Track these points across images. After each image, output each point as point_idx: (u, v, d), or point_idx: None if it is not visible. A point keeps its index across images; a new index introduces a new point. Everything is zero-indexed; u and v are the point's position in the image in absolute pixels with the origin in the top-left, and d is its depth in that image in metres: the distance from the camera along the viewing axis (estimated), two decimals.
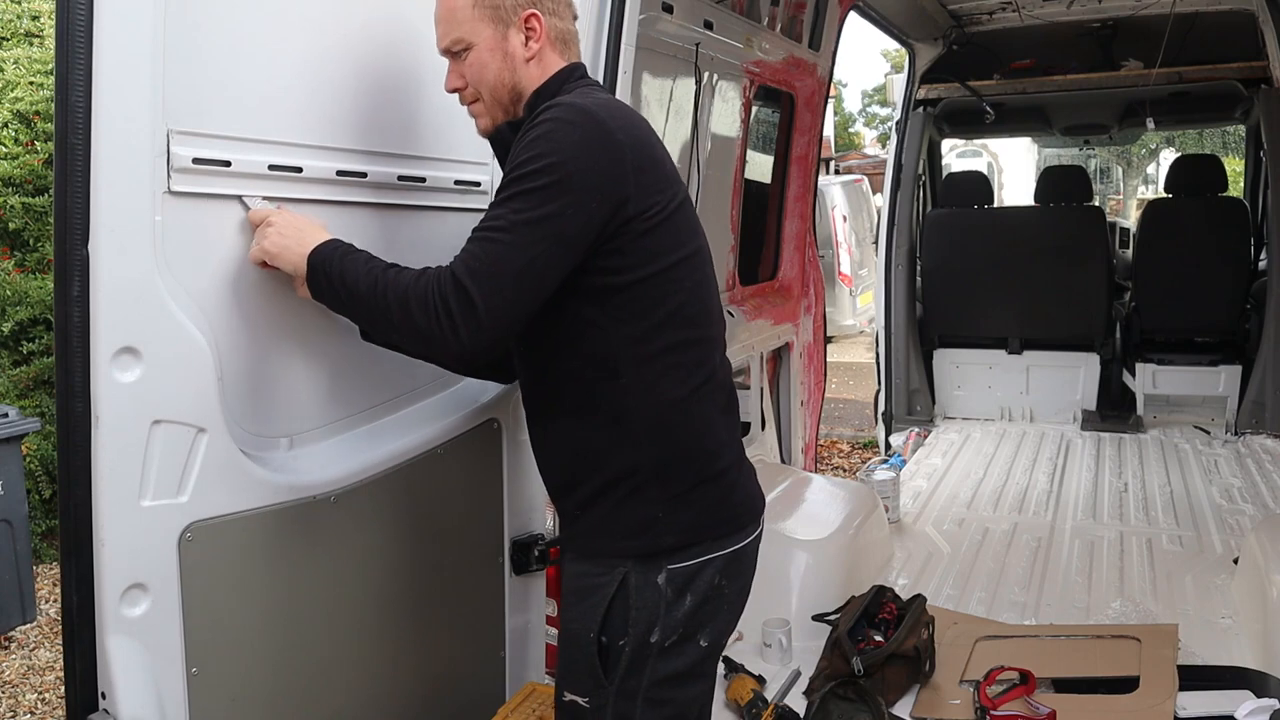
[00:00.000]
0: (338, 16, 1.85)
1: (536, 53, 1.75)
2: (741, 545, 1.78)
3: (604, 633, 1.70)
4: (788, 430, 4.55)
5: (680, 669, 1.72)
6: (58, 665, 4.46)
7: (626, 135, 1.64)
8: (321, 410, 1.90)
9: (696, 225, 1.78)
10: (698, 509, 1.71)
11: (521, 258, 1.55)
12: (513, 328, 1.61)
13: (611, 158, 1.61)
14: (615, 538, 1.72)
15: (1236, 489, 4.59)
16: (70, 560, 1.54)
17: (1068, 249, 5.65)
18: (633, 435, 1.68)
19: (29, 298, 5.97)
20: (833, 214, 11.56)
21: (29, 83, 6.50)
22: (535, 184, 1.56)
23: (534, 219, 1.56)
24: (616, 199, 1.60)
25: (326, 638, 1.89)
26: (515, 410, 2.19)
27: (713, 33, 3.33)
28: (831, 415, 8.32)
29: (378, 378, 2.01)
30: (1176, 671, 2.71)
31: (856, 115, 31.32)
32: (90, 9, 1.44)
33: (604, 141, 1.61)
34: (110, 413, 1.51)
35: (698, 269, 1.75)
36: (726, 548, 1.74)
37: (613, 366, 1.67)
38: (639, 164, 1.64)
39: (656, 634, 1.69)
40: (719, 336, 1.81)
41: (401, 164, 2.00)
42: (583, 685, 1.73)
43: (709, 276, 1.80)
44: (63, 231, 1.49)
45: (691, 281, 1.72)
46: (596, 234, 1.60)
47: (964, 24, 5.64)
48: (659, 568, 1.69)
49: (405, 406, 2.08)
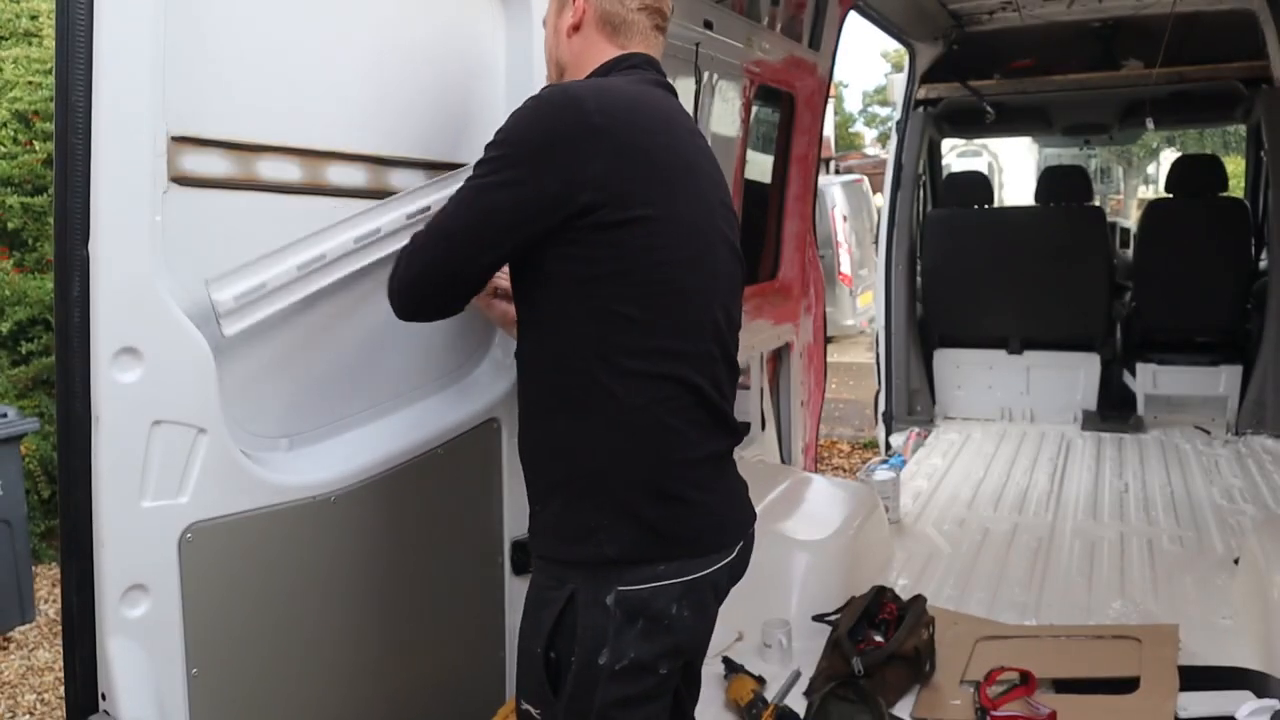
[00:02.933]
0: (341, 16, 1.85)
1: (576, 30, 1.74)
2: (704, 573, 1.65)
3: (552, 649, 1.64)
4: (788, 430, 4.56)
5: (634, 694, 1.63)
6: (57, 666, 4.46)
7: (611, 119, 1.57)
8: (321, 410, 1.90)
9: (705, 234, 1.68)
10: (644, 526, 1.60)
11: (455, 223, 1.61)
12: (446, 290, 1.66)
13: (575, 137, 1.54)
14: (559, 540, 1.66)
15: (1237, 489, 4.58)
16: (70, 561, 1.54)
17: (1068, 249, 5.65)
18: (586, 436, 1.62)
19: (28, 298, 5.96)
20: (833, 214, 11.56)
21: (27, 82, 6.49)
22: (488, 155, 1.60)
23: (476, 187, 1.59)
24: (570, 179, 1.53)
25: (327, 638, 1.89)
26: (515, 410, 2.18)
27: (713, 32, 3.33)
28: (831, 415, 8.31)
29: (378, 378, 2.01)
30: (1177, 672, 2.71)
31: (857, 115, 31.32)
32: (90, 9, 1.44)
33: (571, 120, 1.56)
34: (110, 413, 1.51)
35: (687, 278, 1.64)
36: (684, 574, 1.62)
37: (572, 364, 1.61)
38: (617, 151, 1.56)
39: (605, 656, 1.59)
40: (709, 352, 1.67)
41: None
42: (535, 698, 1.69)
43: (708, 289, 1.68)
44: (63, 231, 1.49)
45: (674, 289, 1.62)
46: (546, 211, 1.55)
47: (964, 24, 5.64)
48: (608, 588, 1.59)
49: (405, 406, 2.08)
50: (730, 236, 1.77)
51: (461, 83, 2.11)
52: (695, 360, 1.65)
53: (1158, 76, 5.22)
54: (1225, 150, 12.91)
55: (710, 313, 1.69)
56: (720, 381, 1.70)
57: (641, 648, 1.60)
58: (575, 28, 1.75)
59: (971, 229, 5.94)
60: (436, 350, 2.14)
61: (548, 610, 1.64)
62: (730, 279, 1.76)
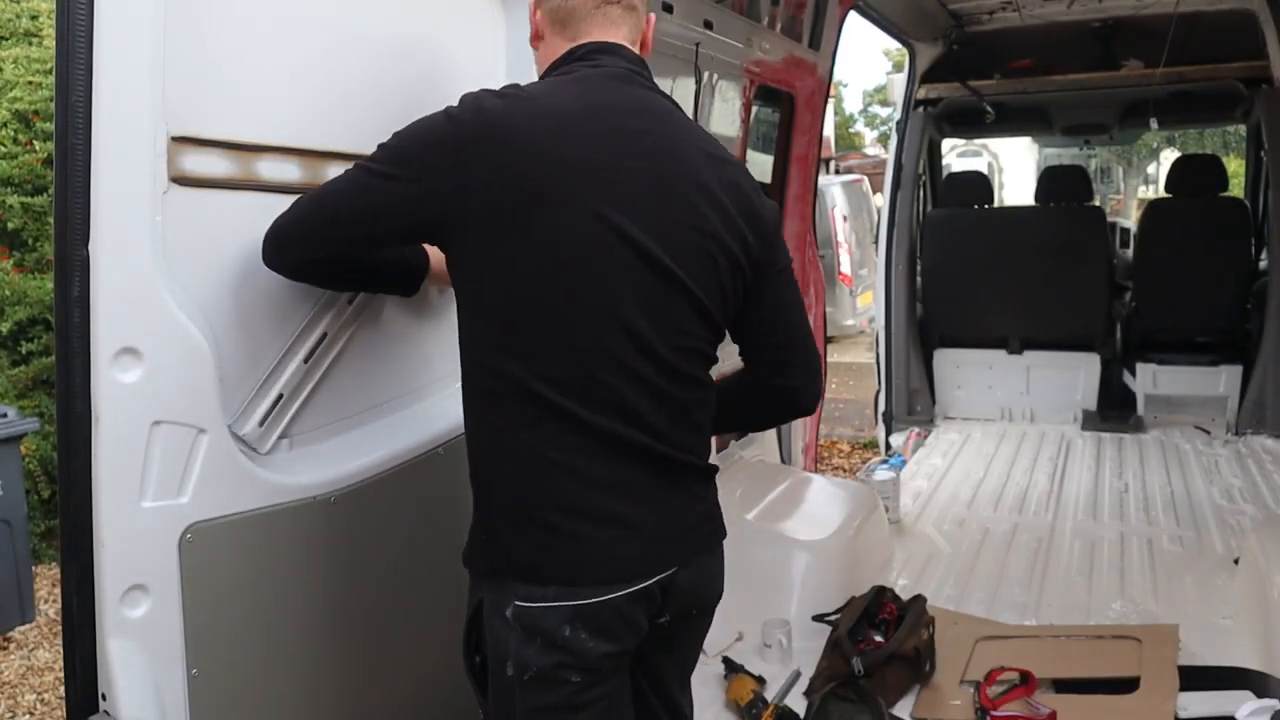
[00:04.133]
0: (342, 17, 1.85)
1: (539, 39, 1.72)
2: (599, 599, 1.54)
3: (477, 652, 1.69)
4: (788, 430, 4.55)
5: (552, 702, 1.57)
6: (57, 666, 4.46)
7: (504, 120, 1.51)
8: (321, 410, 1.90)
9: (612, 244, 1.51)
10: (528, 546, 1.55)
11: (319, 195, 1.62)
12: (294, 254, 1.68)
13: (455, 135, 1.52)
14: (471, 546, 1.69)
15: (1237, 489, 4.59)
16: (70, 561, 1.54)
17: (1068, 249, 5.65)
18: (476, 446, 1.64)
19: (28, 298, 5.96)
20: (833, 214, 11.56)
21: (28, 82, 6.49)
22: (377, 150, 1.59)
23: (352, 170, 1.60)
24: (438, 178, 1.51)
25: (327, 638, 1.89)
26: None
27: (713, 32, 3.33)
28: (831, 415, 8.31)
29: (378, 378, 2.01)
30: (1177, 672, 2.71)
31: (857, 115, 31.35)
32: (90, 9, 1.44)
33: (462, 120, 1.53)
34: (110, 413, 1.50)
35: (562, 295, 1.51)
36: (573, 599, 1.53)
37: (465, 368, 1.63)
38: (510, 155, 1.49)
39: (511, 667, 1.57)
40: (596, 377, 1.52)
41: None
42: (478, 696, 1.73)
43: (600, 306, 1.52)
44: (63, 232, 1.49)
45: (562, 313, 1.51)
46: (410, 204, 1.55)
47: (964, 24, 5.64)
48: (508, 600, 1.56)
49: (405, 407, 2.08)
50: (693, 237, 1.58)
51: (461, 83, 2.10)
52: (572, 385, 1.52)
53: (1158, 76, 5.22)
54: (1225, 150, 12.90)
55: (604, 333, 1.53)
56: (629, 405, 1.55)
57: (541, 660, 1.55)
58: (537, 38, 1.72)
59: (971, 229, 5.95)
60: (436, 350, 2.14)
61: (466, 614, 1.69)
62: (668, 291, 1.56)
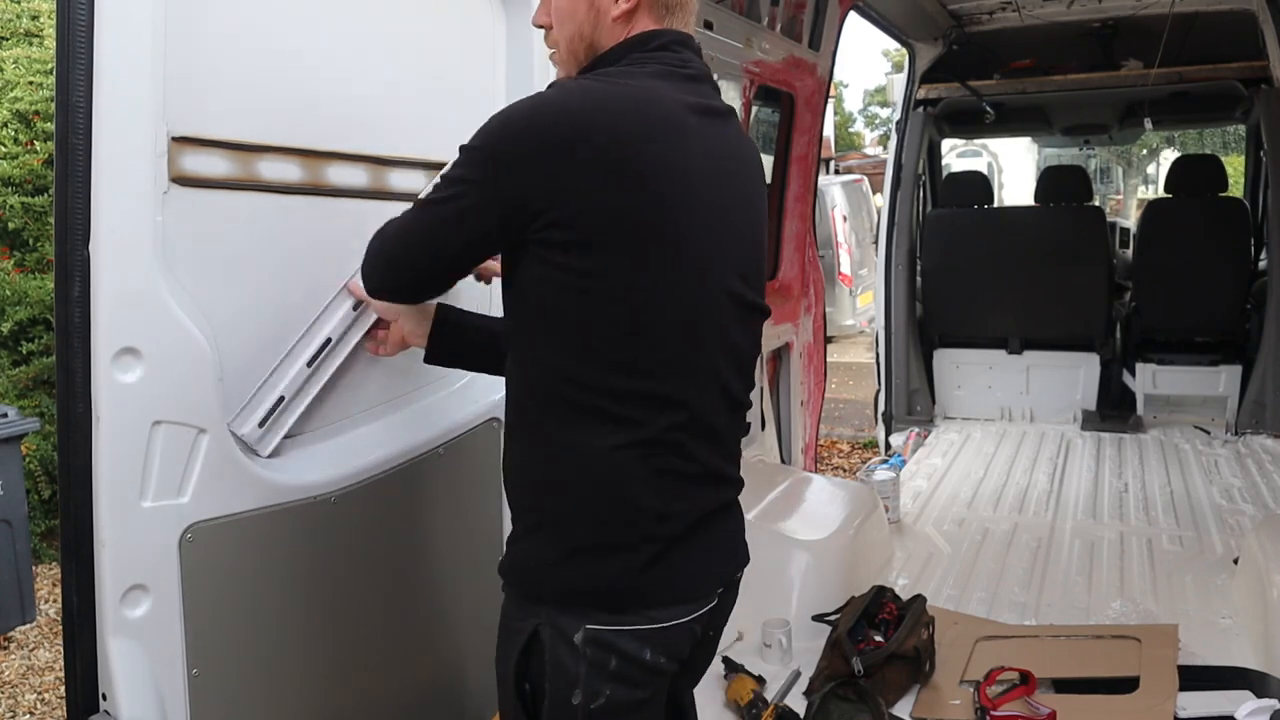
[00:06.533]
0: (342, 17, 1.85)
1: (626, 12, 1.53)
2: (676, 623, 1.52)
3: (525, 680, 1.56)
4: (788, 430, 4.56)
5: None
6: (57, 666, 4.46)
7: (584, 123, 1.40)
8: (322, 410, 1.90)
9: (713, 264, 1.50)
10: (590, 571, 1.49)
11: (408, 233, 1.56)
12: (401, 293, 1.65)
13: (534, 144, 1.41)
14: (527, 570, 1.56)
15: (1237, 489, 4.59)
16: (71, 561, 1.54)
17: (1068, 249, 5.65)
18: (548, 468, 1.52)
19: (28, 298, 5.96)
20: (833, 214, 11.56)
21: (28, 82, 6.49)
22: (458, 159, 1.49)
23: (434, 199, 1.53)
24: (516, 191, 1.41)
25: (327, 639, 1.89)
26: None
27: (713, 33, 3.33)
28: (831, 415, 8.32)
29: (378, 378, 2.01)
30: (1177, 672, 2.71)
31: (856, 115, 31.38)
32: (90, 9, 1.44)
33: (540, 125, 1.42)
34: (111, 413, 1.51)
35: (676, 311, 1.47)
36: (653, 622, 1.50)
37: (542, 389, 1.51)
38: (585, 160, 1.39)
39: (579, 696, 1.49)
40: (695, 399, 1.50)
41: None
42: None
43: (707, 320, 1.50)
44: (63, 232, 1.48)
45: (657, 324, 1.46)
46: (496, 224, 1.46)
47: (964, 24, 5.65)
48: (576, 625, 1.49)
49: (405, 406, 2.08)
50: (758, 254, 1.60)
51: (462, 82, 2.11)
52: (677, 404, 1.49)
53: (1157, 77, 5.23)
54: (1225, 150, 12.90)
55: (712, 350, 1.52)
56: (720, 427, 1.55)
57: (614, 685, 1.50)
58: (629, 14, 1.54)
59: (971, 229, 5.95)
60: None
61: (514, 642, 1.56)
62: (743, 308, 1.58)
